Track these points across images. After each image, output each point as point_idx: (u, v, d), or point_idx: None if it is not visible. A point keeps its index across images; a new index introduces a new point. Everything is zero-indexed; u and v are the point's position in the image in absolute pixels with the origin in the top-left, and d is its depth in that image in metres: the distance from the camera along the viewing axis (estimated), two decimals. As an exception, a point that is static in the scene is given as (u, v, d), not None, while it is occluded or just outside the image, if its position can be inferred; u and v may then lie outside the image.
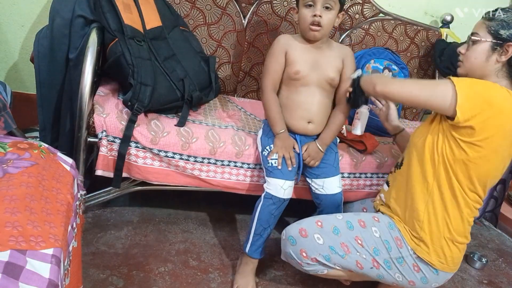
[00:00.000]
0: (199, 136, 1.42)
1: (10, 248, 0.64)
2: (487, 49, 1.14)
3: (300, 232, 1.23)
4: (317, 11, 1.28)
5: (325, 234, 1.22)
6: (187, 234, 1.57)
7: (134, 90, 1.31)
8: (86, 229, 1.46)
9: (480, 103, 1.07)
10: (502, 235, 2.15)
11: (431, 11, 2.24)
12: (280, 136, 1.34)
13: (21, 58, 1.84)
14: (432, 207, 1.20)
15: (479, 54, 1.15)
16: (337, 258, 1.21)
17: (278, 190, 1.31)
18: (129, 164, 1.37)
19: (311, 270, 1.26)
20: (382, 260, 1.22)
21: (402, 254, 1.22)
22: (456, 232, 1.20)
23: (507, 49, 1.12)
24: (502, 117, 1.08)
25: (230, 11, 1.85)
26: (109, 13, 1.37)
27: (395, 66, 2.01)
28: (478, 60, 1.16)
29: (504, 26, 1.12)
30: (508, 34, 1.11)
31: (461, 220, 1.19)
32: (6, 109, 1.33)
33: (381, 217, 1.29)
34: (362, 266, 1.23)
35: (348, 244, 1.22)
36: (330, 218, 1.27)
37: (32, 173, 0.81)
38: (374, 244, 1.22)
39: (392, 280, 1.25)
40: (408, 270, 1.23)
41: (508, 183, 2.15)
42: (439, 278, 1.24)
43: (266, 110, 1.38)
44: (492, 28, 1.13)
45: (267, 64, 1.39)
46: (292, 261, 1.27)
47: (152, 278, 1.31)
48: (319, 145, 1.38)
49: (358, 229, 1.24)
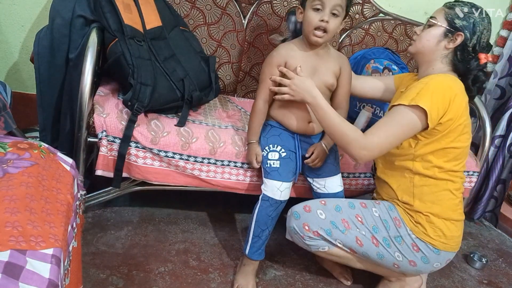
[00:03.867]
0: (199, 136, 1.42)
1: (10, 248, 0.64)
2: (440, 33, 1.23)
3: (304, 208, 1.29)
4: (325, 16, 1.24)
5: (327, 211, 1.28)
6: (187, 234, 1.57)
7: (134, 90, 1.31)
8: (86, 229, 1.46)
9: (443, 107, 1.16)
10: (502, 235, 2.15)
11: (431, 11, 2.21)
12: (250, 146, 1.39)
13: (21, 58, 1.84)
14: (419, 192, 1.26)
15: (432, 37, 1.24)
16: (337, 233, 1.26)
17: (275, 192, 1.31)
18: (129, 164, 1.37)
19: (313, 245, 1.29)
20: (381, 237, 1.26)
21: (400, 234, 1.26)
22: (448, 208, 1.25)
23: (456, 38, 1.21)
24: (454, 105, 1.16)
25: (230, 11, 1.85)
26: (109, 13, 1.37)
27: (395, 66, 2.01)
28: (429, 42, 1.24)
29: (460, 16, 1.21)
30: (461, 25, 1.20)
31: (450, 194, 1.26)
32: (6, 109, 1.33)
33: (381, 201, 1.35)
34: (362, 243, 1.26)
35: (349, 221, 1.27)
36: (334, 199, 1.35)
37: (32, 173, 0.81)
38: (373, 222, 1.28)
39: (392, 259, 1.27)
40: (407, 249, 1.26)
41: (508, 183, 2.15)
42: (440, 258, 1.27)
43: (251, 117, 1.39)
44: (449, 15, 1.22)
45: (264, 73, 1.36)
46: (295, 236, 1.32)
47: (152, 278, 1.31)
48: (325, 145, 1.39)
49: (359, 208, 1.30)
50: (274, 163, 1.34)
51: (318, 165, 1.39)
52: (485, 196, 2.13)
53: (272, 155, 1.36)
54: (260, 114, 1.37)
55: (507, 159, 2.10)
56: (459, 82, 1.23)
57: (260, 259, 1.36)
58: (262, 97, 1.35)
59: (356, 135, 1.18)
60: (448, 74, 1.24)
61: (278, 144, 1.37)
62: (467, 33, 1.21)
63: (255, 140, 1.39)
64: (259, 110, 1.36)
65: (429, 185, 1.25)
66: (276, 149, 1.37)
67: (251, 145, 1.39)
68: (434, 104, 1.14)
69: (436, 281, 1.61)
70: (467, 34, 1.21)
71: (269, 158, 1.36)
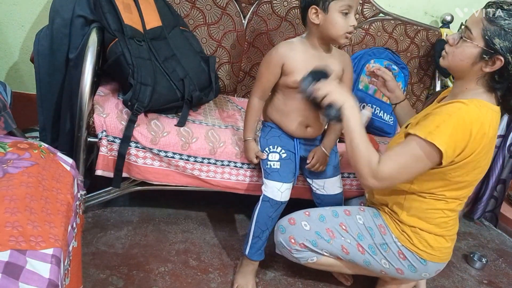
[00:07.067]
0: (199, 136, 1.42)
1: (10, 248, 0.64)
2: (475, 55, 1.04)
3: (289, 221, 1.28)
4: (355, 21, 1.22)
5: (311, 222, 1.27)
6: (187, 234, 1.57)
7: (134, 90, 1.31)
8: (86, 229, 1.45)
9: (460, 146, 1.04)
10: (502, 235, 2.15)
11: (431, 11, 2.24)
12: (247, 143, 1.39)
13: (21, 58, 1.84)
14: (408, 205, 1.20)
15: (466, 57, 1.06)
16: (323, 242, 1.25)
17: (275, 192, 1.31)
18: (129, 164, 1.37)
19: (301, 258, 1.29)
20: (367, 245, 1.25)
21: (386, 241, 1.24)
22: (436, 225, 1.19)
23: (495, 61, 1.02)
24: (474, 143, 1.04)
25: (230, 11, 1.85)
26: (109, 13, 1.37)
27: (395, 66, 2.01)
28: (463, 63, 1.07)
29: (501, 35, 1.00)
30: (501, 46, 1.00)
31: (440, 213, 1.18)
32: (6, 109, 1.33)
33: (367, 208, 1.32)
34: (348, 251, 1.25)
35: (333, 230, 1.26)
36: (317, 209, 1.33)
37: (32, 173, 0.81)
38: (358, 230, 1.26)
39: (379, 266, 1.26)
40: (393, 257, 1.23)
41: (508, 183, 2.15)
42: (428, 268, 1.24)
43: (246, 114, 1.38)
44: (488, 32, 1.01)
45: (261, 71, 1.33)
46: (284, 250, 1.31)
47: (152, 278, 1.31)
48: (325, 149, 1.38)
49: (343, 217, 1.28)
50: (274, 164, 1.34)
51: (321, 169, 1.39)
52: (485, 196, 2.13)
53: (272, 156, 1.35)
54: (255, 111, 1.36)
55: (507, 159, 2.10)
56: (491, 111, 1.07)
57: (260, 260, 1.36)
58: (257, 95, 1.34)
59: (370, 159, 1.07)
60: (481, 101, 1.07)
61: (278, 145, 1.37)
62: (508, 57, 1.00)
63: (251, 137, 1.38)
64: (254, 107, 1.35)
65: (420, 201, 1.18)
66: (276, 150, 1.36)
67: (247, 142, 1.39)
68: (451, 143, 1.02)
69: (436, 281, 1.61)
70: (509, 58, 1.00)
71: (269, 159, 1.35)
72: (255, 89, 1.35)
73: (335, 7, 1.18)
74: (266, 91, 1.35)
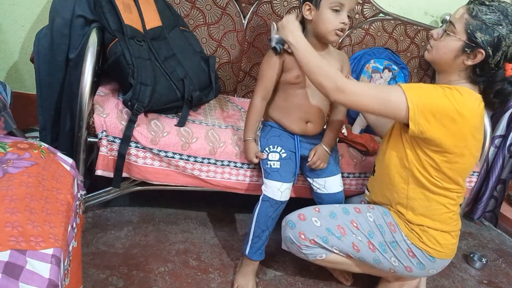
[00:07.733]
0: (199, 136, 1.42)
1: (10, 248, 0.64)
2: (458, 48, 1.09)
3: (299, 217, 1.27)
4: (346, 18, 1.23)
5: (322, 218, 1.26)
6: (187, 234, 1.57)
7: (134, 90, 1.31)
8: (86, 229, 1.45)
9: (432, 116, 1.06)
10: (502, 235, 2.15)
11: (431, 11, 2.24)
12: (247, 144, 1.38)
13: (21, 58, 1.84)
14: (411, 204, 1.22)
15: (449, 50, 1.11)
16: (334, 239, 1.24)
17: (275, 192, 1.31)
18: (129, 164, 1.37)
19: (310, 254, 1.28)
20: (377, 243, 1.25)
21: (395, 239, 1.24)
22: (441, 221, 1.22)
23: (476, 54, 1.07)
24: (457, 124, 1.06)
25: (230, 11, 1.85)
26: (109, 13, 1.37)
27: (395, 66, 2.01)
28: (446, 56, 1.12)
29: (482, 29, 1.05)
30: (483, 40, 1.05)
31: (444, 209, 1.21)
32: (6, 109, 1.33)
33: (376, 206, 1.32)
34: (359, 249, 1.25)
35: (344, 227, 1.25)
36: (327, 206, 1.33)
37: (32, 173, 0.81)
38: (368, 227, 1.26)
39: (388, 264, 1.26)
40: (402, 254, 1.24)
41: (508, 183, 2.15)
42: (435, 265, 1.26)
43: (248, 113, 1.38)
44: (470, 26, 1.06)
45: (262, 70, 1.34)
46: (292, 246, 1.29)
47: (152, 278, 1.31)
48: (325, 146, 1.38)
49: (354, 214, 1.28)
50: (274, 164, 1.34)
51: (322, 167, 1.39)
52: (485, 196, 2.13)
53: (272, 156, 1.35)
54: (257, 111, 1.36)
55: (507, 159, 2.10)
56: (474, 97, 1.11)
57: (260, 260, 1.36)
58: (260, 94, 1.35)
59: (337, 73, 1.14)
60: (464, 88, 1.11)
61: (278, 145, 1.37)
62: (489, 50, 1.06)
63: (252, 137, 1.38)
64: (256, 107, 1.36)
65: (421, 199, 1.21)
66: (276, 150, 1.36)
67: (247, 142, 1.38)
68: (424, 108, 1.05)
69: (436, 281, 1.61)
70: (489, 51, 1.06)
71: (270, 159, 1.35)
72: (258, 88, 1.35)
73: (326, 3, 1.23)
74: (269, 90, 1.35)
